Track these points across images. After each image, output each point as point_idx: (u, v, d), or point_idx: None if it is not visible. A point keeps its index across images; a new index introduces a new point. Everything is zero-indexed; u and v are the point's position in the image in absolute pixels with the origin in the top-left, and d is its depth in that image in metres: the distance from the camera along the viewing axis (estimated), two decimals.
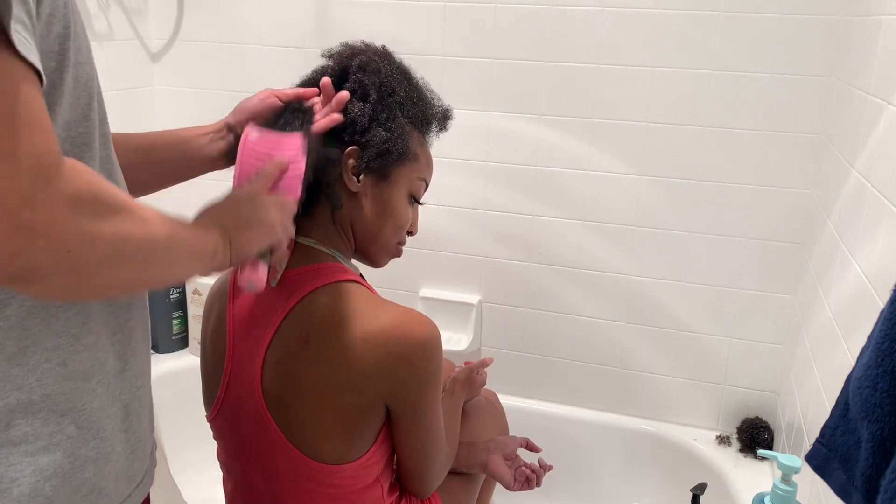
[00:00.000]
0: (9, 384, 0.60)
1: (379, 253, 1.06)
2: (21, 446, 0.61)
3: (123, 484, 0.70)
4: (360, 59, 1.01)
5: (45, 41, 0.57)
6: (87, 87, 0.63)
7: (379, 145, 0.98)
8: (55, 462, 0.63)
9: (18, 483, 0.61)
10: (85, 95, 0.63)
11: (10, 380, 0.60)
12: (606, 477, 1.85)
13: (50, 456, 0.63)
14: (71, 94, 0.61)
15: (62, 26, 0.59)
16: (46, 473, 0.62)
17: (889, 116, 1.08)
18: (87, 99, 0.64)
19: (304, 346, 0.93)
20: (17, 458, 0.61)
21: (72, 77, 0.61)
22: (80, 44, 0.62)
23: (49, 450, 0.63)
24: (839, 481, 0.74)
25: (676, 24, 1.61)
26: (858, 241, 1.16)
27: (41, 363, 0.62)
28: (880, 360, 0.66)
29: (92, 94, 0.65)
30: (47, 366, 0.62)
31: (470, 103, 1.78)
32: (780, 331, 1.70)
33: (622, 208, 1.75)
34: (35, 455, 0.62)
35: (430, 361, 0.95)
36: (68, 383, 0.64)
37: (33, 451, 0.62)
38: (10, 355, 0.60)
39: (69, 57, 0.60)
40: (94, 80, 0.66)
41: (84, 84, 0.63)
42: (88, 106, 0.64)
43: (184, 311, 2.04)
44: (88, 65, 0.64)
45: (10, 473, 0.61)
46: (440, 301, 1.91)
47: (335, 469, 0.95)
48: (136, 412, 0.73)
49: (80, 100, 0.63)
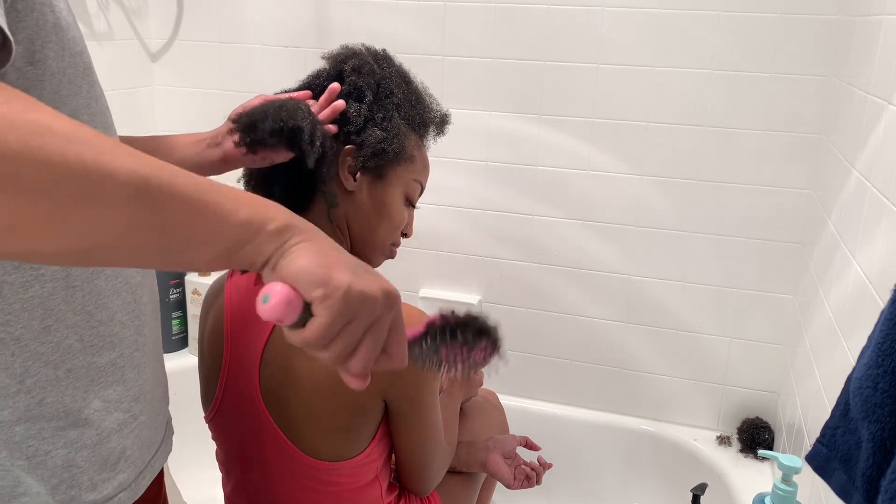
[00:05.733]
0: (37, 361, 0.63)
1: (373, 253, 1.07)
2: (53, 421, 0.64)
3: (145, 451, 0.74)
4: (353, 61, 1.02)
5: (42, 30, 0.58)
6: (85, 76, 0.65)
7: (375, 144, 0.98)
8: (84, 435, 0.67)
9: (52, 455, 0.65)
10: (85, 85, 0.65)
11: (39, 356, 0.63)
12: (606, 477, 1.85)
13: (79, 430, 0.66)
14: (73, 83, 0.63)
15: (55, 16, 0.60)
16: (77, 445, 0.66)
17: (889, 116, 1.08)
18: (88, 88, 0.65)
19: None
20: (49, 433, 0.64)
21: (71, 66, 0.62)
22: (75, 34, 0.64)
23: (78, 424, 0.66)
24: (840, 481, 0.74)
25: (676, 24, 1.61)
26: (858, 241, 1.16)
27: (63, 340, 0.64)
28: (881, 360, 0.66)
29: (92, 83, 0.66)
30: (68, 342, 0.65)
31: (470, 103, 1.78)
32: (780, 331, 1.70)
33: (622, 208, 1.75)
34: (65, 429, 0.65)
35: None
36: (87, 358, 0.66)
37: (64, 425, 0.65)
38: (36, 333, 0.63)
39: (66, 47, 0.61)
40: (92, 69, 0.67)
41: (82, 73, 0.64)
42: (89, 95, 0.66)
43: (183, 311, 2.04)
44: (84, 55, 0.65)
45: (43, 446, 0.64)
46: (440, 301, 1.91)
47: (334, 467, 0.96)
48: (154, 384, 0.76)
49: (80, 89, 0.64)
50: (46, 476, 0.65)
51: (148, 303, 0.75)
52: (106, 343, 0.68)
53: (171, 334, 2.03)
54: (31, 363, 0.63)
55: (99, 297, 0.67)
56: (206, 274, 2.01)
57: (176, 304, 2.02)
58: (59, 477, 0.65)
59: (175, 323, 2.03)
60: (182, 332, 2.05)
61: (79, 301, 0.65)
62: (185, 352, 2.05)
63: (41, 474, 0.64)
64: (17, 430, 0.63)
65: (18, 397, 0.62)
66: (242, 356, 0.98)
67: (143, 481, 0.74)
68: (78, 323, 0.65)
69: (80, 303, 0.65)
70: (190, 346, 2.05)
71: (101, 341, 0.67)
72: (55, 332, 0.64)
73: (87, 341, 0.66)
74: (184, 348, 2.06)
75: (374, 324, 0.53)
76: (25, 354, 0.62)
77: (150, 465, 0.75)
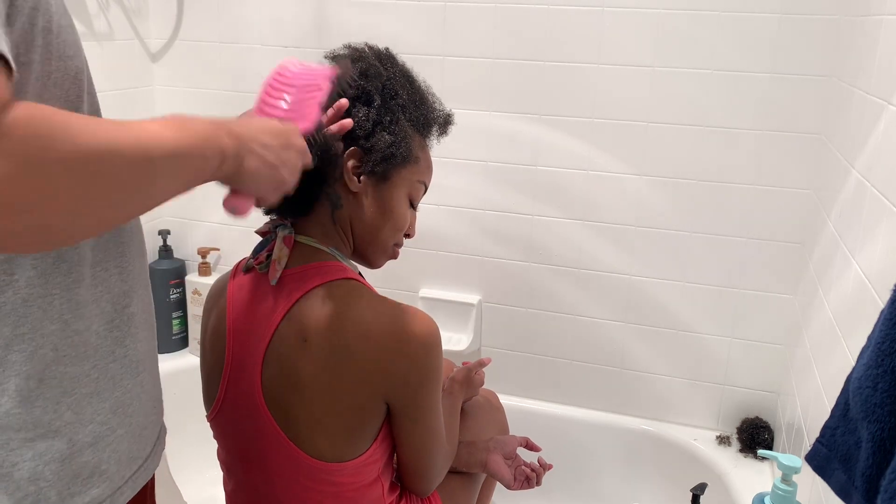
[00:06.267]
0: (7, 370, 0.61)
1: (376, 253, 1.06)
2: (21, 432, 0.62)
3: (125, 466, 0.72)
4: (360, 65, 1.01)
5: (29, 34, 0.57)
6: (76, 80, 0.64)
7: (384, 149, 0.98)
8: (53, 447, 0.64)
9: (19, 468, 0.63)
10: (75, 88, 0.64)
11: (9, 366, 0.61)
12: (606, 477, 1.85)
13: (48, 441, 0.64)
14: (59, 86, 0.62)
15: (45, 20, 0.59)
16: (46, 458, 0.64)
17: (889, 116, 1.08)
18: (77, 91, 0.64)
19: (304, 344, 0.93)
20: (17, 444, 0.62)
21: (59, 70, 0.62)
22: (67, 38, 0.63)
23: (47, 436, 0.64)
24: (839, 481, 0.74)
25: (676, 24, 1.61)
26: (858, 241, 1.16)
27: (37, 349, 0.63)
28: (880, 360, 0.66)
29: (81, 87, 0.65)
30: (42, 352, 0.63)
31: (470, 103, 1.78)
32: (780, 331, 1.70)
33: (622, 208, 1.75)
34: (34, 441, 0.63)
35: (430, 358, 0.95)
36: (60, 368, 0.65)
37: (32, 437, 0.63)
38: (7, 341, 0.61)
39: (54, 50, 0.61)
40: (84, 73, 0.66)
41: (73, 77, 0.64)
42: (79, 98, 0.65)
43: (184, 311, 2.04)
44: (77, 58, 0.65)
45: (10, 458, 0.62)
46: (440, 301, 1.91)
47: (335, 467, 0.96)
48: (138, 397, 0.74)
49: (69, 93, 0.63)
50: (11, 489, 0.62)
51: (138, 313, 0.74)
52: (79, 353, 0.66)
53: (171, 334, 2.03)
54: (0, 371, 0.61)
55: (78, 306, 0.66)
56: (207, 273, 2.01)
57: (176, 304, 2.02)
58: (24, 490, 0.63)
59: (175, 323, 2.03)
60: (182, 332, 2.05)
61: (56, 309, 0.64)
62: (186, 352, 2.05)
63: (5, 487, 0.62)
64: None
65: None
66: (245, 356, 0.98)
67: (121, 498, 0.71)
68: (54, 332, 0.64)
69: (58, 311, 0.64)
70: (190, 345, 2.05)
71: (74, 351, 0.66)
72: (29, 340, 0.62)
73: (62, 351, 0.65)
74: (184, 348, 2.06)
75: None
76: None
77: (131, 481, 0.73)
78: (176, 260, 2.04)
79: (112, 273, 0.70)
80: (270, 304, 0.96)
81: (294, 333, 0.94)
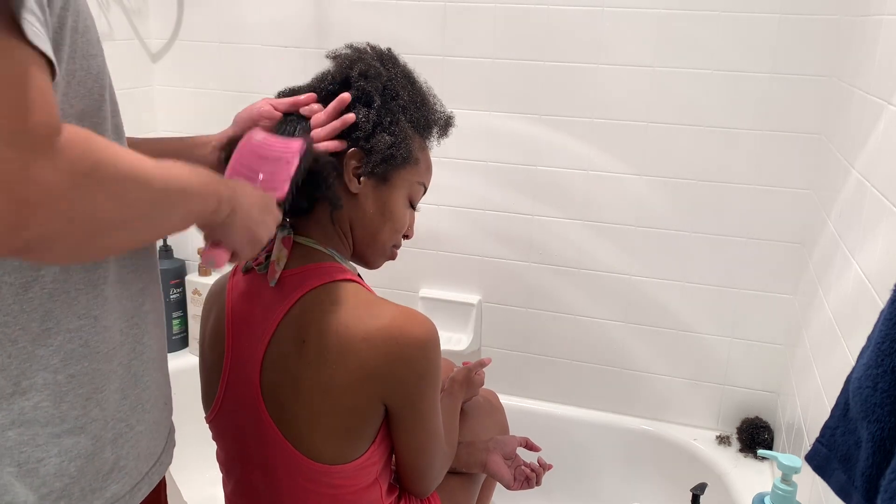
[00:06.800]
0: (34, 364, 0.62)
1: (375, 254, 1.06)
2: (48, 427, 0.63)
3: (142, 462, 0.73)
4: (360, 66, 1.01)
5: (59, 34, 0.58)
6: (98, 79, 0.65)
7: (384, 150, 0.98)
8: (79, 444, 0.65)
9: (45, 463, 0.64)
10: (97, 87, 0.65)
11: (36, 360, 0.62)
12: (606, 477, 1.85)
13: (74, 437, 0.65)
14: (83, 84, 0.63)
15: (73, 19, 0.60)
16: (72, 454, 0.65)
17: (889, 116, 1.08)
18: (100, 90, 0.65)
19: (303, 345, 0.93)
20: (43, 439, 0.63)
21: (83, 69, 0.63)
22: (91, 36, 0.64)
23: (74, 432, 0.65)
24: (839, 481, 0.74)
25: (676, 24, 1.61)
26: (858, 241, 1.16)
27: (65, 344, 0.64)
28: (880, 360, 0.66)
29: (104, 85, 0.66)
30: (70, 346, 0.64)
31: (470, 103, 1.78)
32: (780, 331, 1.70)
33: (622, 208, 1.75)
34: (60, 437, 0.64)
35: (429, 360, 0.95)
36: (91, 364, 0.66)
37: (59, 432, 0.64)
38: (34, 336, 0.62)
39: (79, 49, 0.62)
40: (105, 72, 0.67)
41: (96, 76, 0.65)
42: (101, 97, 0.66)
43: (184, 311, 2.04)
44: (99, 57, 0.66)
45: (36, 454, 0.63)
46: (440, 301, 1.91)
47: (334, 469, 0.96)
48: (153, 394, 0.75)
49: (92, 91, 0.64)
50: (37, 485, 0.63)
51: (150, 311, 0.75)
52: (109, 349, 0.67)
53: (171, 334, 2.03)
54: (27, 366, 0.62)
55: (106, 301, 0.67)
56: (207, 273, 2.01)
57: (176, 304, 2.02)
58: (49, 486, 0.64)
59: (175, 323, 2.03)
60: (182, 332, 2.05)
61: (82, 305, 0.65)
62: (186, 352, 2.05)
63: (31, 482, 0.63)
64: (10, 435, 0.62)
65: (13, 399, 0.61)
66: (244, 357, 0.98)
67: (139, 493, 0.72)
68: (83, 327, 0.65)
69: (85, 307, 0.65)
70: (190, 345, 2.05)
71: (105, 346, 0.67)
72: (55, 334, 0.63)
73: (93, 346, 0.66)
74: (184, 348, 2.06)
75: None
76: (22, 357, 0.61)
77: (148, 477, 0.74)
78: (176, 260, 2.04)
79: (129, 270, 0.72)
80: (269, 305, 0.96)
81: (293, 334, 0.94)
